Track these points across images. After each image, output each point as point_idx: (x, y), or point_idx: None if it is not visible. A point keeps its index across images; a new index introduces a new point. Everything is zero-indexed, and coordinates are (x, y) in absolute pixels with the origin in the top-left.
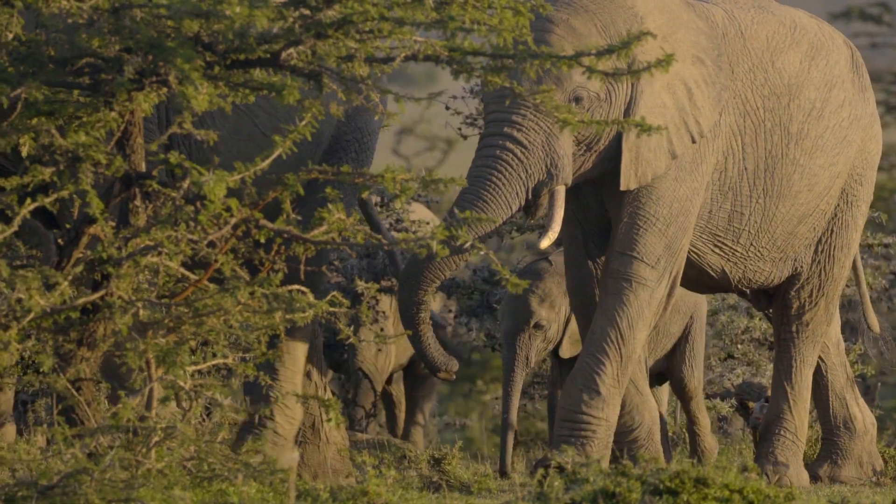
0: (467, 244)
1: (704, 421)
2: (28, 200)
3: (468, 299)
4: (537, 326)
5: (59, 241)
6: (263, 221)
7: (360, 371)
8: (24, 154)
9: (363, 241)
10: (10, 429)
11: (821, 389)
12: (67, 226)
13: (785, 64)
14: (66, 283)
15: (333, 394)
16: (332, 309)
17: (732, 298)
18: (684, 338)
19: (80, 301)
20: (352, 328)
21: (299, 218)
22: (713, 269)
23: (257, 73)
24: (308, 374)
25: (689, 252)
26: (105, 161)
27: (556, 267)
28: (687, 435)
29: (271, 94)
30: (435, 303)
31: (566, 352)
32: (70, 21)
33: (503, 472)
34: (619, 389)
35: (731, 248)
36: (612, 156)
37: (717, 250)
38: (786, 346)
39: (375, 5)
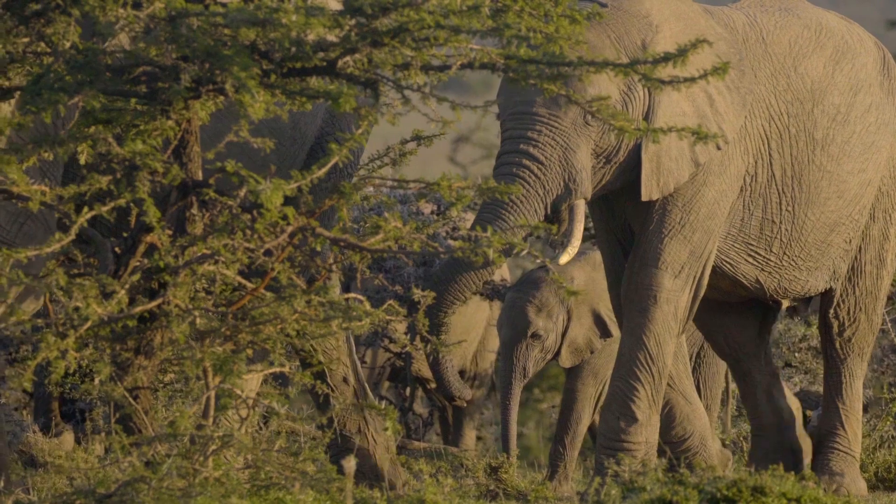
0: (524, 252)
1: None
2: (85, 209)
3: None
4: (535, 336)
5: (117, 249)
6: (320, 230)
7: (416, 379)
8: (81, 162)
9: (419, 250)
10: (69, 437)
11: (748, 387)
12: (125, 234)
13: (808, 69)
14: (123, 292)
15: (390, 402)
16: (388, 317)
17: None
18: (695, 352)
19: (138, 309)
20: (408, 336)
21: (356, 226)
22: (747, 279)
23: (313, 81)
24: (345, 380)
25: (721, 263)
26: (162, 169)
27: (552, 276)
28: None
29: (327, 101)
30: (490, 310)
31: (566, 361)
32: (127, 30)
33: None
34: (655, 408)
35: (764, 256)
36: (634, 166)
37: (750, 259)
38: (833, 363)
39: (431, 13)
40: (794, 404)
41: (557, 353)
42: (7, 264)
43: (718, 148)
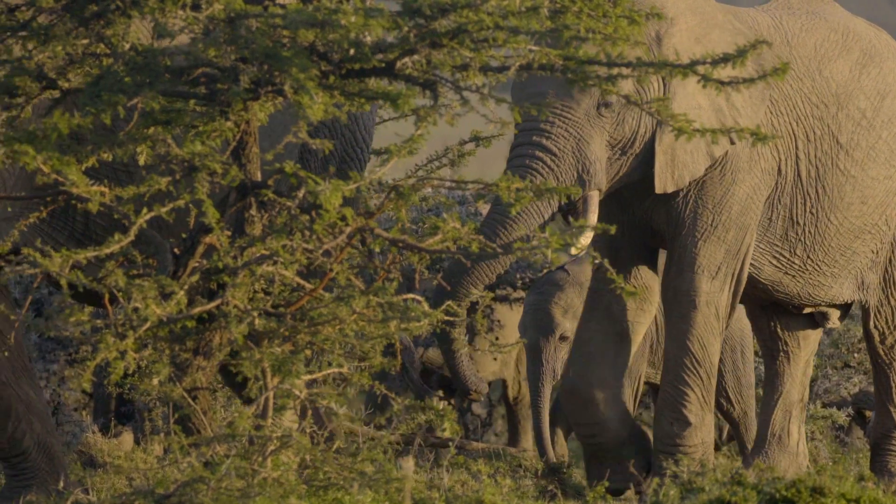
0: (583, 252)
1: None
2: (144, 210)
3: None
4: (562, 338)
5: (176, 250)
6: (379, 231)
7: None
8: (140, 163)
9: (478, 251)
10: (128, 438)
11: (772, 394)
12: (183, 235)
13: (833, 72)
14: (182, 293)
15: (450, 403)
16: (447, 318)
17: None
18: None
19: (196, 310)
20: (467, 337)
21: (415, 227)
22: (770, 281)
23: (372, 83)
24: None
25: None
26: (221, 170)
27: (573, 276)
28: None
29: (386, 103)
30: None
31: None
32: (187, 32)
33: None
34: (708, 408)
35: (788, 259)
36: (650, 158)
37: (774, 261)
38: (881, 369)
39: (490, 14)
40: (804, 448)
41: None
42: (67, 265)
43: (732, 142)
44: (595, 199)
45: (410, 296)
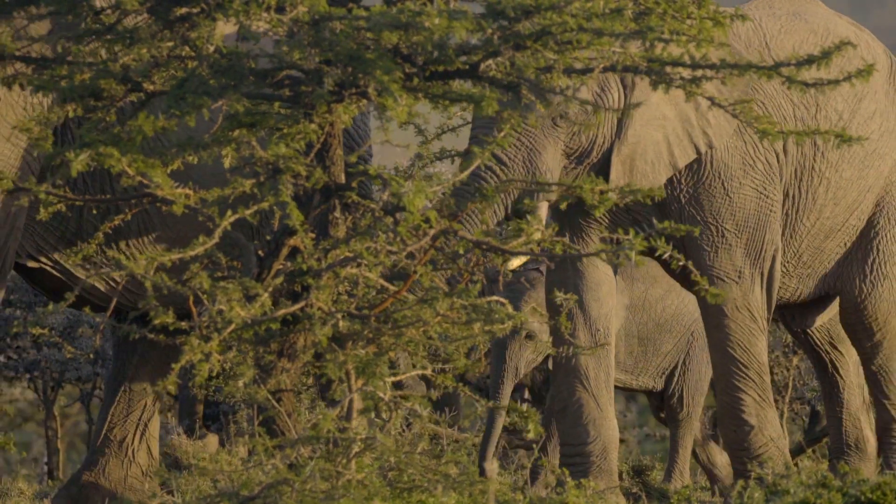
0: (666, 255)
1: (685, 453)
2: (229, 212)
3: None
4: (529, 337)
5: (260, 252)
6: (462, 232)
7: None
8: (225, 166)
9: (561, 253)
10: (213, 440)
11: (835, 407)
12: (268, 237)
13: (811, 74)
14: (266, 295)
15: (532, 404)
16: (531, 320)
17: None
18: (682, 359)
19: (281, 312)
20: (551, 340)
21: (498, 229)
22: None
23: (456, 85)
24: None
25: None
26: (305, 173)
27: (545, 276)
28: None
29: (470, 105)
30: None
31: None
32: (271, 34)
33: (482, 472)
34: (767, 405)
35: None
36: (608, 168)
37: None
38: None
39: (574, 16)
40: (872, 443)
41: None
42: (151, 267)
43: (698, 153)
44: (543, 209)
45: (494, 298)
